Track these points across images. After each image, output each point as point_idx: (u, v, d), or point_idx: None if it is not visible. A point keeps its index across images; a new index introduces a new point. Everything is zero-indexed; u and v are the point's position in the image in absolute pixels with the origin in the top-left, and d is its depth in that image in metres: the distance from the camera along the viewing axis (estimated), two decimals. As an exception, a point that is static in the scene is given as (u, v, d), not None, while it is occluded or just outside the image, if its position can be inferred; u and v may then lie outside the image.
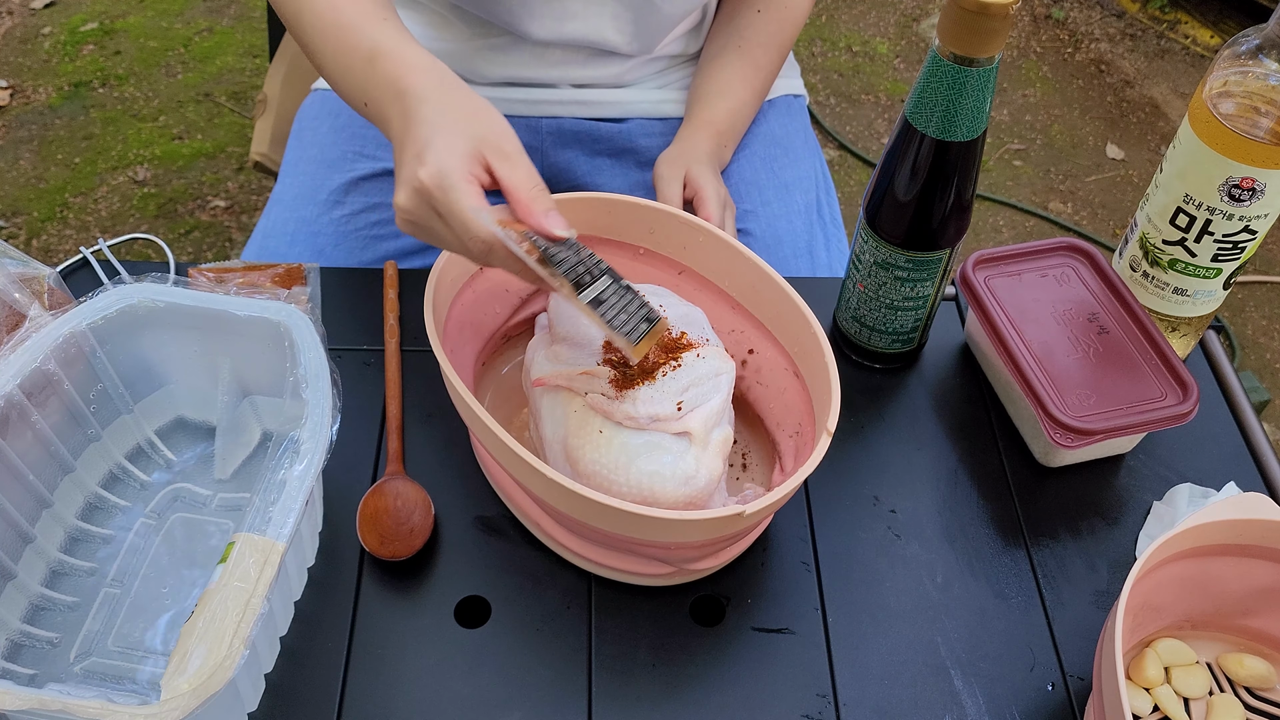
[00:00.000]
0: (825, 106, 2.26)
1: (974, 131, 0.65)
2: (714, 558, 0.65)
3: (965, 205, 0.69)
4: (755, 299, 0.69)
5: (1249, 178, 0.67)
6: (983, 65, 0.62)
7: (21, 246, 1.88)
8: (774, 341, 0.69)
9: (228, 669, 0.52)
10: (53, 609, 0.64)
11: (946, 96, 0.64)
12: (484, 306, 0.70)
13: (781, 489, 0.57)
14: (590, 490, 0.56)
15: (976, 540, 0.70)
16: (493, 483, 0.70)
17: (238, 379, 0.69)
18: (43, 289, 0.71)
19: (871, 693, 0.63)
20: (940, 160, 0.66)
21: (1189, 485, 0.72)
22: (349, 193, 0.94)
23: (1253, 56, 0.66)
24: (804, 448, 0.65)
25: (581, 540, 0.65)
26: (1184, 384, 0.70)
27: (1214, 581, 0.63)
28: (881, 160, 0.70)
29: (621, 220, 0.71)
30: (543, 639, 0.64)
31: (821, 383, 0.63)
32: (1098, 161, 2.17)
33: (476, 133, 0.60)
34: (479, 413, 0.58)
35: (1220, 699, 0.62)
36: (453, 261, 0.66)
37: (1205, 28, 2.45)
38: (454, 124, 0.61)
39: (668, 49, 0.98)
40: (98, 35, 2.31)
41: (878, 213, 0.71)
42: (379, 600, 0.65)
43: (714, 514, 0.56)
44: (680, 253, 0.71)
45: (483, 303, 0.70)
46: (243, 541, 0.55)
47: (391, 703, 0.61)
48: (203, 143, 2.09)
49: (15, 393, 0.61)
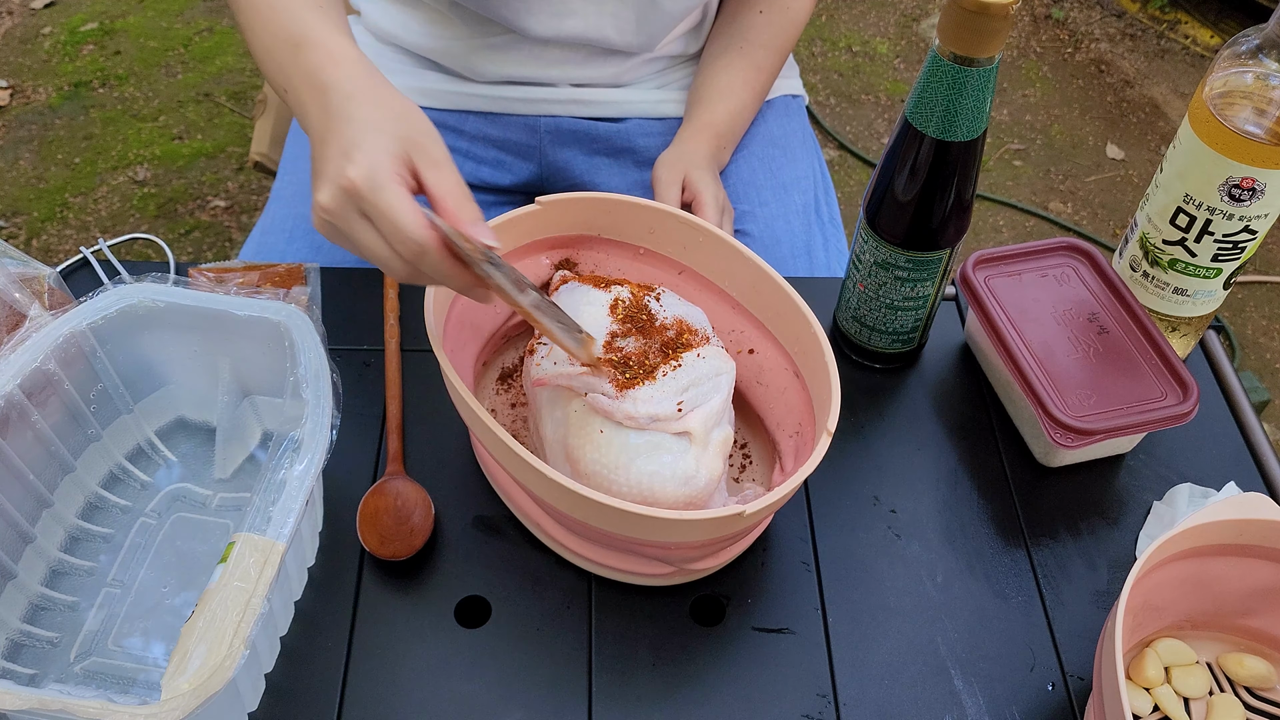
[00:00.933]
0: (825, 106, 2.26)
1: (974, 131, 0.65)
2: (714, 558, 0.65)
3: (965, 205, 0.69)
4: (755, 299, 0.69)
5: (1249, 178, 0.67)
6: (983, 65, 0.62)
7: (21, 246, 1.88)
8: (774, 341, 0.69)
9: (228, 669, 0.52)
10: (53, 609, 0.64)
11: (947, 96, 0.64)
12: (484, 306, 0.70)
13: (781, 489, 0.57)
14: (590, 490, 0.56)
15: (976, 540, 0.70)
16: (493, 483, 0.70)
17: (238, 379, 0.69)
18: (43, 289, 0.71)
19: (871, 693, 0.63)
20: (940, 160, 0.66)
21: (1189, 485, 0.72)
22: None
23: (1253, 56, 0.66)
24: (804, 448, 0.65)
25: (581, 540, 0.65)
26: (1184, 384, 0.70)
27: (1214, 581, 0.63)
28: (881, 160, 0.70)
29: (621, 220, 0.71)
30: (543, 639, 0.64)
31: (821, 383, 0.63)
32: (1098, 161, 2.17)
33: (405, 134, 0.58)
34: (479, 413, 0.58)
35: (1220, 699, 0.62)
36: None
37: (1205, 28, 2.45)
38: (382, 123, 0.58)
39: (668, 49, 0.98)
40: (98, 35, 2.31)
41: (878, 213, 0.71)
42: (379, 600, 0.65)
43: (714, 514, 0.56)
44: (680, 253, 0.71)
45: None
46: (243, 541, 0.55)
47: (391, 703, 0.61)
48: (203, 143, 2.09)
49: (15, 393, 0.61)
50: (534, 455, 0.57)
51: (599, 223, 0.71)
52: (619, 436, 0.60)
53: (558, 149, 1.00)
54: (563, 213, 0.70)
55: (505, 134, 0.99)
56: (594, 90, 0.99)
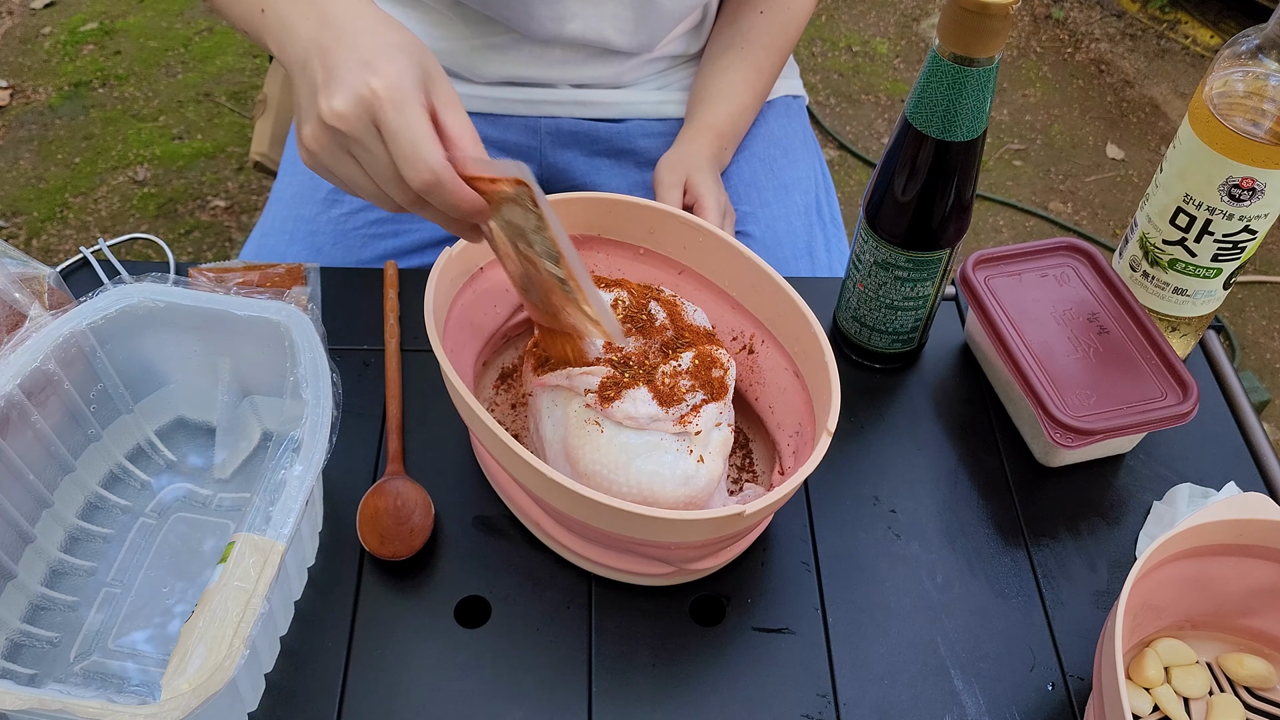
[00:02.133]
0: (825, 106, 2.26)
1: (974, 131, 0.65)
2: (714, 557, 0.65)
3: (965, 205, 0.69)
4: (755, 299, 0.69)
5: (1249, 178, 0.67)
6: (983, 65, 0.62)
7: (21, 246, 1.88)
8: (774, 342, 0.69)
9: (228, 669, 0.52)
10: (53, 609, 0.64)
11: (946, 96, 0.64)
12: (484, 306, 0.70)
13: (781, 489, 0.57)
14: (590, 490, 0.56)
15: (976, 540, 0.70)
16: (493, 483, 0.70)
17: (238, 379, 0.69)
18: (43, 289, 0.71)
19: (871, 693, 0.63)
20: (940, 160, 0.66)
21: (1189, 485, 0.72)
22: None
23: (1253, 56, 0.66)
24: (804, 448, 0.65)
25: (581, 540, 0.65)
26: (1184, 384, 0.70)
27: (1214, 581, 0.63)
28: (881, 160, 0.70)
29: (621, 220, 0.71)
30: (543, 639, 0.64)
31: (821, 383, 0.63)
32: (1098, 161, 2.17)
33: (423, 63, 0.53)
34: (479, 413, 0.58)
35: (1220, 699, 0.62)
36: (453, 261, 0.66)
37: (1205, 28, 2.45)
38: (403, 44, 0.53)
39: (668, 49, 0.98)
40: (98, 35, 2.31)
41: (878, 213, 0.71)
42: (379, 600, 0.65)
43: (714, 514, 0.56)
44: (681, 253, 0.71)
45: (483, 302, 0.70)
46: (243, 541, 0.55)
47: (391, 703, 0.61)
48: (203, 143, 2.09)
49: (15, 393, 0.61)
50: (534, 455, 0.57)
51: (600, 223, 0.71)
52: (618, 436, 0.60)
53: (558, 150, 1.00)
54: (563, 213, 0.70)
55: (505, 135, 0.99)
56: (594, 91, 0.99)
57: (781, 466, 0.67)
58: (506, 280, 0.72)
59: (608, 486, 0.59)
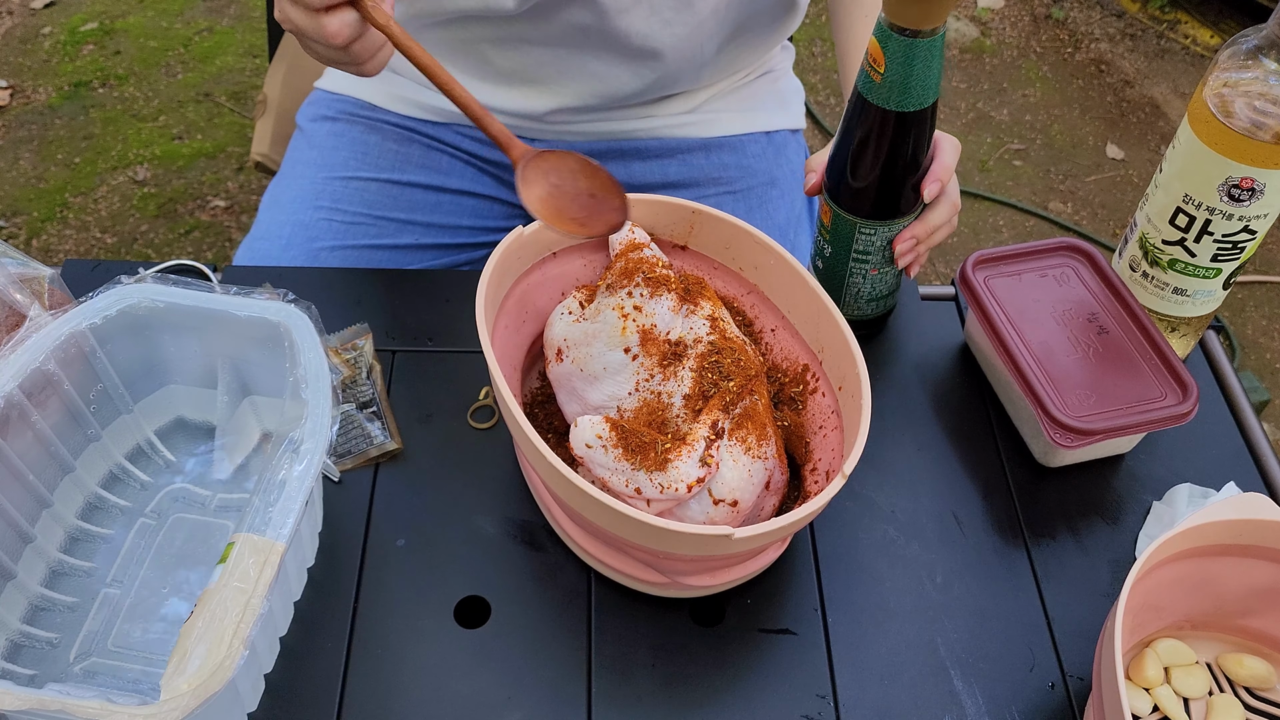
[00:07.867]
0: (825, 106, 2.26)
1: (924, 102, 0.66)
2: (709, 576, 0.63)
3: (916, 172, 0.71)
4: (814, 332, 0.68)
5: (1249, 178, 0.67)
6: (927, 37, 0.63)
7: (21, 246, 1.88)
8: (825, 379, 0.68)
9: (227, 669, 0.52)
10: (52, 609, 0.64)
11: (894, 68, 0.64)
12: (544, 289, 0.69)
13: (777, 521, 0.56)
14: (582, 480, 0.55)
15: (976, 540, 0.70)
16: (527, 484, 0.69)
17: (238, 379, 0.69)
18: (43, 289, 0.71)
19: (871, 693, 0.63)
20: (898, 131, 0.67)
21: (1189, 485, 0.72)
22: (347, 197, 0.94)
23: (1252, 56, 0.66)
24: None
25: (586, 534, 0.65)
26: (1184, 384, 0.70)
27: (1214, 581, 0.63)
28: (838, 134, 0.72)
29: (703, 230, 0.70)
30: (543, 639, 0.64)
31: (853, 427, 0.62)
32: (1098, 161, 2.17)
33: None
34: (510, 403, 0.57)
35: (1220, 699, 0.62)
36: (524, 241, 0.65)
37: (1205, 28, 2.45)
38: None
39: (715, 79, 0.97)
40: (98, 35, 2.31)
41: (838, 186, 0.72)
42: (379, 600, 0.65)
43: (700, 530, 0.55)
44: (752, 272, 0.71)
45: (550, 288, 0.70)
46: (242, 542, 0.55)
47: (391, 703, 0.61)
48: (203, 143, 2.09)
49: (15, 393, 0.61)
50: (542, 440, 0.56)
51: (677, 230, 0.71)
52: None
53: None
54: (645, 212, 0.69)
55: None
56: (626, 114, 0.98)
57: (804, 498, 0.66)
58: (576, 271, 0.71)
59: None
